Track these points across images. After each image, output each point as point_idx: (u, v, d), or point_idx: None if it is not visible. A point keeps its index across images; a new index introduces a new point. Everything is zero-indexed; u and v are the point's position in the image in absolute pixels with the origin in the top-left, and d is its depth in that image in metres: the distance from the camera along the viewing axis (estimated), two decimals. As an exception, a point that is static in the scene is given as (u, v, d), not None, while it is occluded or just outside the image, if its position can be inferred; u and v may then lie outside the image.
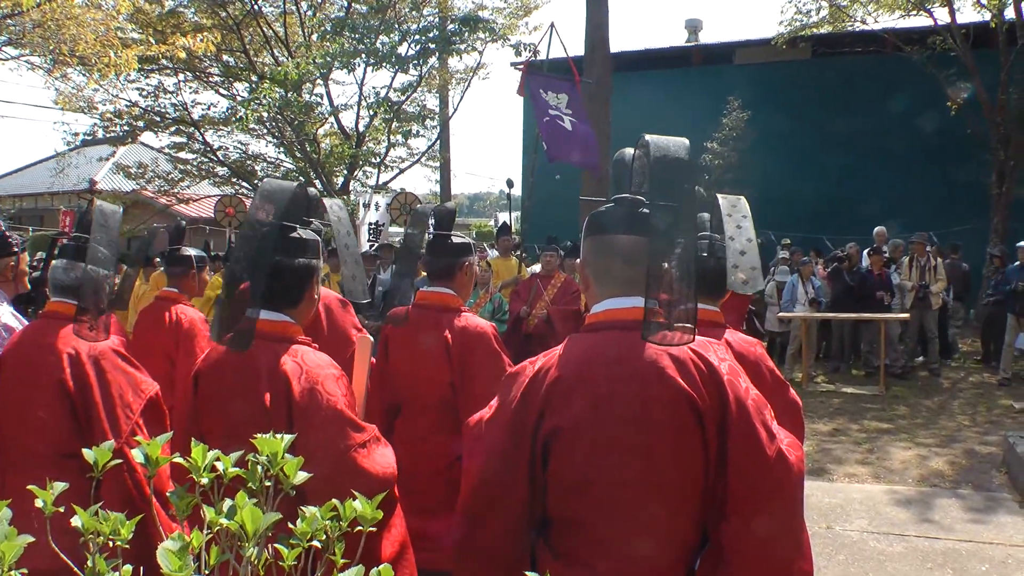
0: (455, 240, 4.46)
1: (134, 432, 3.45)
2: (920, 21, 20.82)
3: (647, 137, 2.32)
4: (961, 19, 19.69)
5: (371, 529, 1.68)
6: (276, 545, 1.55)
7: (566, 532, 2.33)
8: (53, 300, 3.72)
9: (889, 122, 21.90)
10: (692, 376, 2.21)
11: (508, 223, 15.67)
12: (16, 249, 5.23)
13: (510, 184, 18.68)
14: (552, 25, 10.38)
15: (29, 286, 5.59)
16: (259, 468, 1.69)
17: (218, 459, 1.69)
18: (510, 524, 2.40)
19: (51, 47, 14.82)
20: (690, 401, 2.18)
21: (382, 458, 2.84)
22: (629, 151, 2.49)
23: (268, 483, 1.69)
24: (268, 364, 2.80)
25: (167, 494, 1.84)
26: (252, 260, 2.76)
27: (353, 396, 2.98)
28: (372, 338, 3.76)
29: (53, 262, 3.86)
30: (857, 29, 21.90)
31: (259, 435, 1.72)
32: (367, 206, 17.36)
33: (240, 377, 2.84)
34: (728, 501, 2.19)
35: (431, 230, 4.37)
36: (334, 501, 1.65)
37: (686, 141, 2.32)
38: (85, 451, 1.70)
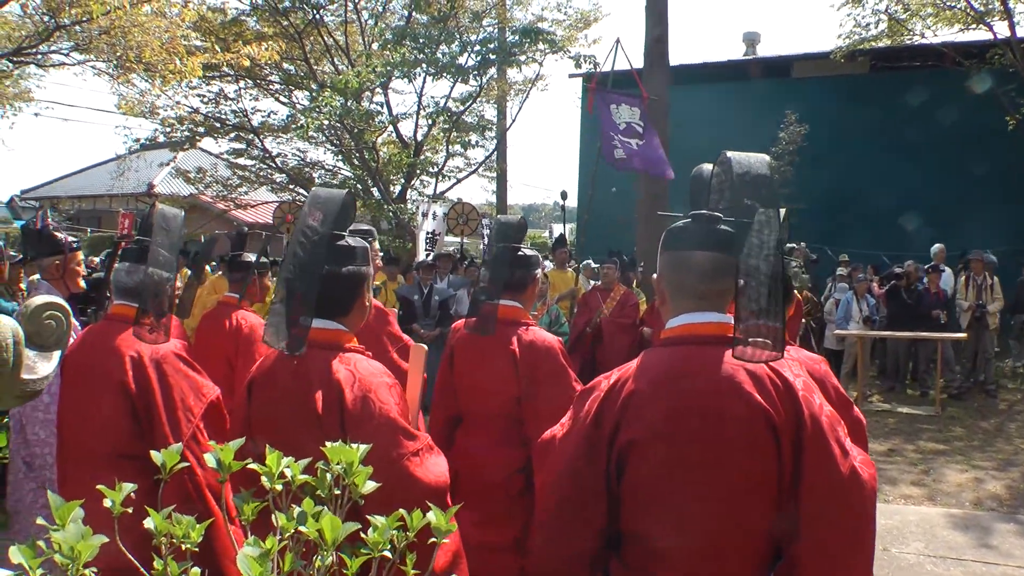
0: (526, 252, 4.47)
1: (194, 435, 3.49)
2: (980, 35, 20.55)
3: (728, 154, 2.34)
4: (1021, 33, 19.39)
5: (443, 541, 1.69)
6: (340, 553, 1.57)
7: (639, 547, 2.34)
8: (116, 303, 3.75)
9: (947, 137, 21.61)
10: (768, 391, 2.23)
11: (564, 235, 15.69)
12: (66, 249, 5.31)
13: (564, 196, 18.71)
14: (618, 41, 10.42)
15: (84, 286, 5.67)
16: (328, 476, 1.72)
17: (288, 466, 1.72)
18: (588, 541, 2.40)
19: (117, 53, 15.02)
20: (766, 416, 2.20)
21: (435, 467, 2.83)
22: (707, 167, 2.50)
23: (337, 491, 1.71)
24: (321, 372, 2.80)
25: (232, 499, 1.87)
26: (303, 267, 2.76)
27: (406, 404, 2.99)
28: (426, 347, 3.78)
29: (116, 265, 3.88)
30: (916, 43, 21.66)
31: (329, 444, 1.75)
32: (425, 215, 17.42)
33: (293, 385, 2.84)
34: (801, 518, 2.19)
35: (486, 242, 4.38)
36: (401, 511, 1.67)
37: (766, 157, 2.34)
38: (153, 453, 1.74)
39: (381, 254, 10.40)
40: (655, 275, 2.57)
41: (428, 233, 17.67)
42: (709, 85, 25.81)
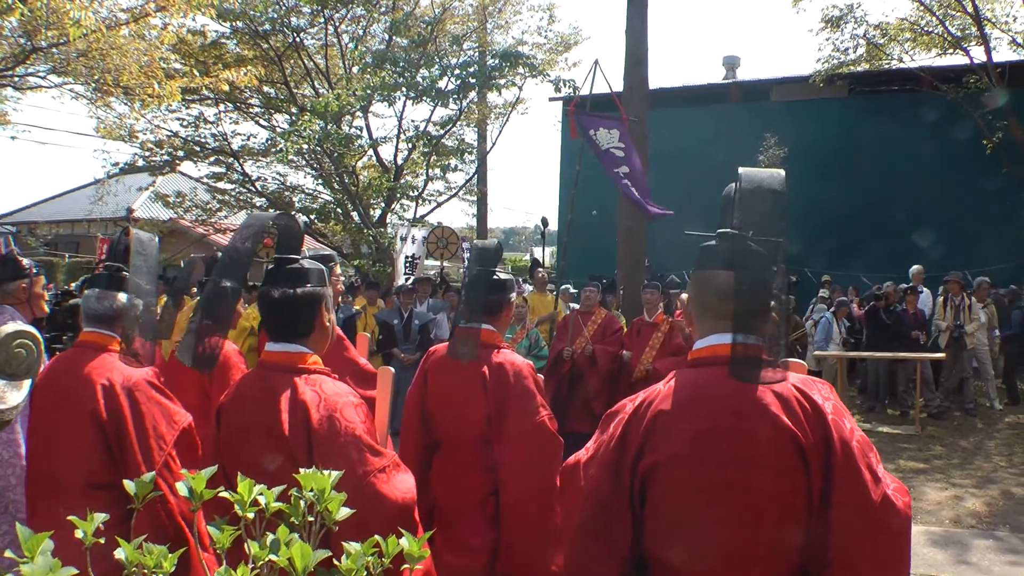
0: (501, 276, 4.47)
1: (167, 463, 3.43)
2: (957, 60, 20.78)
3: (741, 170, 2.31)
4: (997, 58, 19.63)
5: (416, 567, 1.68)
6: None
7: (664, 574, 2.29)
8: (86, 330, 3.67)
9: (925, 160, 21.82)
10: (796, 414, 2.18)
11: (537, 258, 15.69)
12: (28, 273, 5.27)
13: (545, 223, 18.75)
14: (596, 62, 10.40)
15: (47, 310, 5.62)
16: (302, 503, 1.71)
17: (261, 494, 1.71)
18: (613, 567, 2.34)
19: (95, 76, 14.96)
20: (794, 439, 2.15)
21: (402, 483, 2.84)
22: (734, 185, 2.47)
23: (311, 518, 1.70)
24: (286, 394, 2.82)
25: (206, 527, 1.85)
26: (225, 289, 2.82)
27: (374, 425, 3.00)
28: (392, 370, 3.77)
29: (85, 291, 3.81)
30: (894, 67, 21.89)
31: (303, 471, 1.74)
32: (404, 239, 17.42)
33: (259, 409, 2.85)
34: (832, 547, 2.14)
35: (478, 265, 4.38)
36: (376, 537, 1.66)
37: (781, 173, 2.31)
38: (126, 482, 1.72)
39: (354, 279, 10.38)
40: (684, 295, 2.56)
41: (407, 257, 17.67)
42: (689, 108, 25.96)
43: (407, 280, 15.83)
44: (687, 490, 2.24)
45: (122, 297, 3.63)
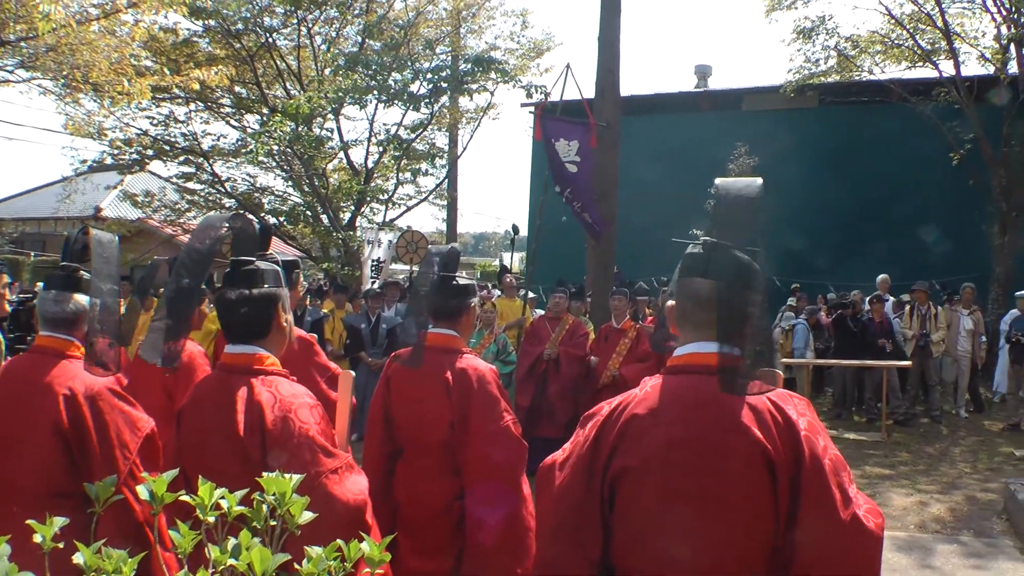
0: (460, 281, 4.46)
1: (131, 472, 3.35)
2: (926, 73, 20.97)
3: (718, 181, 2.32)
4: (966, 72, 19.83)
5: (377, 571, 1.67)
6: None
7: None
8: (42, 334, 3.54)
9: (894, 171, 22.00)
10: (769, 428, 2.17)
11: (506, 264, 15.68)
12: None
13: (516, 230, 18.75)
14: (568, 67, 10.40)
15: (8, 309, 5.52)
16: (264, 507, 1.69)
17: (223, 497, 1.69)
18: (583, 570, 2.34)
19: (64, 72, 14.82)
20: (764, 453, 2.14)
21: (354, 485, 2.84)
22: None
23: (273, 522, 1.69)
24: (243, 395, 2.83)
25: (168, 532, 1.83)
26: (187, 288, 2.82)
27: (330, 426, 3.00)
28: (353, 373, 3.75)
29: (40, 293, 3.70)
30: (864, 79, 22.05)
31: (266, 475, 1.73)
32: (371, 243, 17.36)
33: (216, 410, 2.87)
34: (797, 561, 2.13)
35: (436, 271, 4.37)
36: (339, 542, 1.65)
37: (757, 181, 2.31)
38: (87, 486, 1.71)
39: (322, 282, 10.31)
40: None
41: (373, 261, 17.62)
42: (660, 116, 26.07)
43: (373, 284, 15.77)
44: (655, 497, 2.24)
45: (81, 299, 3.52)
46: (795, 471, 2.14)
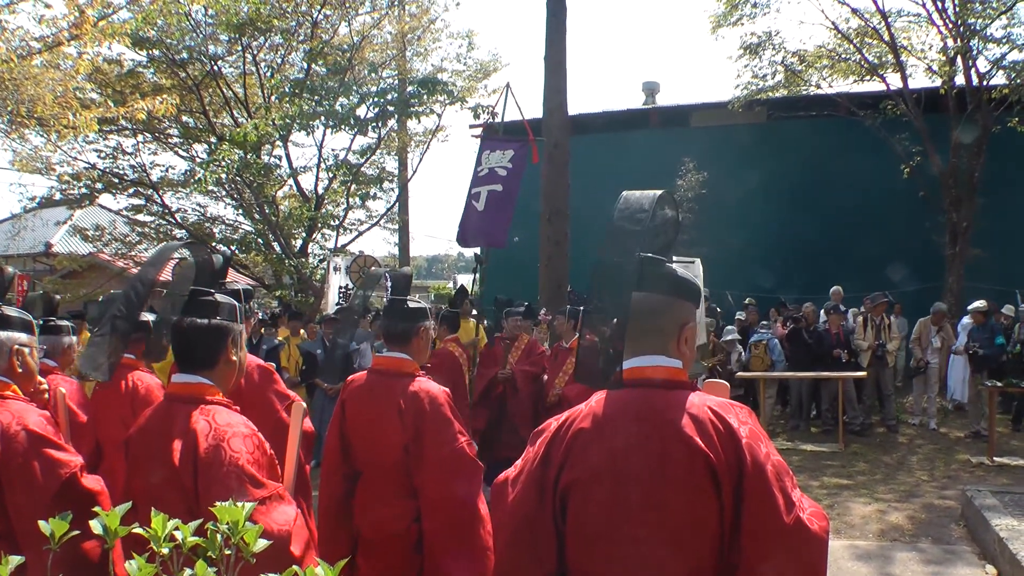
0: (411, 305, 4.48)
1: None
2: (874, 86, 21.19)
3: (624, 193, 2.37)
4: (913, 84, 20.06)
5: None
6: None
7: None
8: None
9: (843, 185, 22.15)
10: (710, 435, 2.21)
11: (465, 286, 15.64)
12: None
13: (480, 259, 18.76)
14: (508, 86, 10.34)
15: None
16: (219, 537, 1.68)
17: (177, 528, 1.67)
18: None
19: (9, 107, 14.65)
20: (706, 460, 2.18)
21: (280, 515, 2.81)
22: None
23: (228, 551, 1.67)
24: (181, 424, 2.84)
25: (124, 566, 1.80)
26: (129, 310, 2.86)
27: (268, 456, 2.97)
28: (304, 405, 3.74)
29: None
30: (812, 93, 22.22)
31: (219, 504, 1.71)
32: (337, 269, 17.32)
33: (157, 439, 2.88)
34: (742, 566, 2.16)
35: (387, 295, 4.38)
36: (295, 568, 1.64)
37: (653, 193, 2.37)
38: (41, 523, 1.68)
39: (276, 309, 10.23)
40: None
41: (342, 288, 17.57)
42: (609, 134, 26.14)
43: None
44: (604, 507, 2.29)
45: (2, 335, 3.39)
46: (738, 478, 2.18)
